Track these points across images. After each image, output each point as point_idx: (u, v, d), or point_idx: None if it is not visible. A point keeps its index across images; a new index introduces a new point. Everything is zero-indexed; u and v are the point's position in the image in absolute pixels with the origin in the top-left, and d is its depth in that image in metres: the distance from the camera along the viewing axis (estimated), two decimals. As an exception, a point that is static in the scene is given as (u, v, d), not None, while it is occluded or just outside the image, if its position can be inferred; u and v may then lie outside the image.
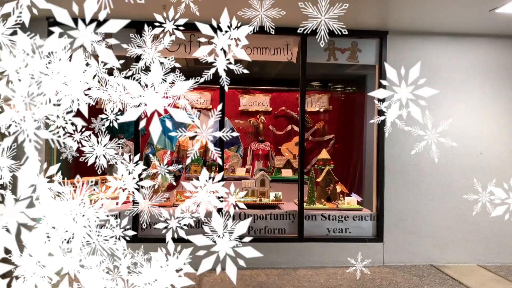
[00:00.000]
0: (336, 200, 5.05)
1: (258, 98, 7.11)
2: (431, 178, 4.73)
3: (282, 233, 4.60)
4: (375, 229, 4.71)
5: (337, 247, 4.59)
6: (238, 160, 6.23)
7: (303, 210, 4.59)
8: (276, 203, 4.78)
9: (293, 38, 4.61)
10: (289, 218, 4.62)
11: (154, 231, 4.47)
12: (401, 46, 4.72)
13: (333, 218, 4.66)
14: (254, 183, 5.05)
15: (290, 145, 7.01)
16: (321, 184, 5.07)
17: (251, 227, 4.56)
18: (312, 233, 4.62)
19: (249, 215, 4.58)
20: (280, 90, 7.18)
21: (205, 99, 7.06)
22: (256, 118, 7.05)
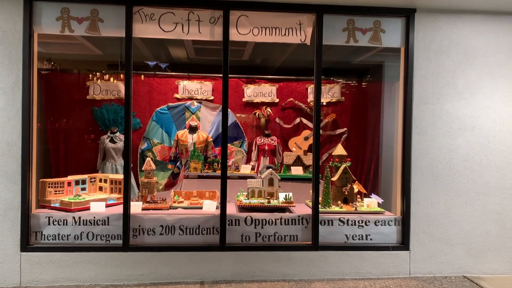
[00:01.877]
0: (353, 202, 4.47)
1: (264, 88, 6.51)
2: (464, 178, 4.14)
3: (294, 240, 4.02)
4: (400, 235, 4.12)
5: (357, 257, 4.02)
6: (242, 156, 5.65)
7: (318, 213, 4.01)
8: (287, 205, 4.20)
9: (307, 16, 4.01)
10: (302, 223, 4.04)
11: (148, 238, 3.89)
12: (431, 26, 4.11)
13: (352, 223, 4.08)
14: (261, 183, 4.46)
15: (299, 140, 6.43)
16: (337, 184, 4.49)
17: (258, 234, 3.99)
18: (328, 240, 4.04)
19: (256, 220, 4.00)
20: (288, 80, 6.58)
21: (206, 89, 6.47)
22: (262, 110, 6.45)
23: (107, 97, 6.31)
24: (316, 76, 4.04)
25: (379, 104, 6.40)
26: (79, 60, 6.62)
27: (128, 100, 3.87)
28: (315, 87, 4.04)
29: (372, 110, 6.50)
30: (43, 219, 3.83)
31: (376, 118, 6.44)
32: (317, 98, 4.04)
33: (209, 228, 3.96)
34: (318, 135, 4.03)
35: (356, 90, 6.59)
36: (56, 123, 6.23)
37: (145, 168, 4.39)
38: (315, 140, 4.04)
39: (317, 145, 4.04)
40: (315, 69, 4.05)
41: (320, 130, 4.05)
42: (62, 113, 6.22)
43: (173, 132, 6.40)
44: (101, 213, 3.92)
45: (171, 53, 6.61)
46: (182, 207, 4.27)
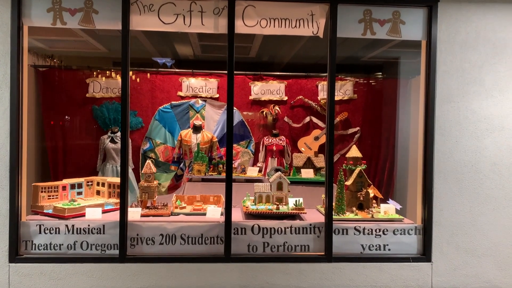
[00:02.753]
0: (369, 208, 4.13)
1: (272, 86, 6.18)
2: (492, 183, 3.78)
3: (306, 250, 3.70)
4: (421, 245, 3.78)
5: (374, 269, 3.68)
6: (249, 157, 5.33)
7: (332, 222, 3.68)
8: (297, 212, 3.88)
9: (320, 6, 3.67)
10: (314, 232, 3.71)
11: (147, 248, 3.59)
12: (456, 16, 3.75)
13: (368, 231, 3.74)
14: (269, 187, 4.14)
15: (309, 140, 6.09)
16: (351, 188, 4.15)
17: (266, 243, 3.66)
18: (342, 251, 3.71)
19: (264, 228, 3.68)
20: (297, 76, 6.24)
21: (211, 86, 6.15)
22: (270, 108, 6.12)
23: (108, 95, 6.03)
24: (330, 71, 3.70)
25: (394, 102, 6.05)
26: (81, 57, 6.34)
27: (125, 97, 3.56)
28: (329, 84, 3.71)
29: (386, 108, 6.15)
30: (34, 227, 3.54)
31: (390, 117, 6.09)
32: (330, 95, 3.70)
33: (213, 237, 3.64)
34: (331, 135, 3.70)
35: (370, 87, 6.24)
36: (54, 122, 5.96)
37: (144, 171, 4.08)
38: (329, 141, 3.71)
39: (330, 146, 3.70)
40: (328, 64, 3.71)
41: (333, 130, 3.72)
42: (61, 112, 5.95)
43: (176, 132, 6.10)
44: (97, 220, 3.62)
45: (177, 50, 6.34)
46: (184, 213, 3.96)
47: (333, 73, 3.69)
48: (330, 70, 3.70)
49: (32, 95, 5.75)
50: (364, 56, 6.20)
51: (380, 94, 6.20)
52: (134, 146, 6.05)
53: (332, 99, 3.68)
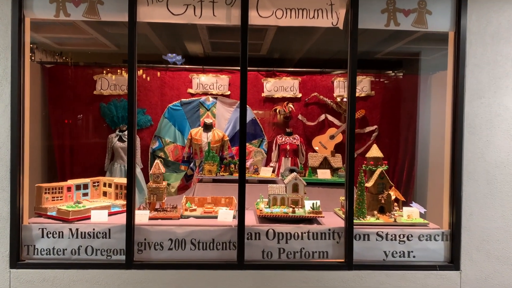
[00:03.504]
0: (391, 212, 3.87)
1: (285, 82, 5.94)
2: (526, 185, 3.50)
3: (324, 257, 3.45)
4: (449, 253, 3.51)
5: (398, 277, 3.43)
6: (262, 157, 5.10)
7: (353, 226, 3.42)
8: (314, 216, 3.63)
9: (340, -5, 3.42)
10: (333, 237, 3.47)
11: (155, 254, 3.38)
12: (487, 5, 3.47)
13: (392, 237, 3.48)
14: (284, 189, 3.91)
15: (324, 138, 5.84)
16: (372, 191, 3.89)
17: (282, 249, 3.43)
18: (364, 257, 3.46)
19: (280, 233, 3.44)
20: (312, 72, 5.99)
21: (222, 83, 5.93)
22: (283, 106, 5.88)
23: (116, 92, 5.84)
24: (351, 66, 3.45)
25: (413, 100, 5.77)
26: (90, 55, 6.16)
27: (132, 92, 3.35)
28: (349, 78, 3.45)
29: (405, 106, 5.88)
30: (36, 231, 3.35)
31: (410, 115, 5.81)
32: (351, 91, 3.44)
33: (225, 242, 3.42)
34: (352, 134, 3.44)
35: (388, 83, 5.96)
36: (61, 120, 5.79)
37: (153, 172, 3.87)
38: (349, 139, 3.45)
39: (351, 145, 3.45)
40: (349, 57, 3.46)
41: (354, 128, 3.46)
42: (68, 110, 5.78)
43: (186, 130, 5.89)
44: (102, 223, 3.42)
45: (187, 48, 6.16)
46: (194, 216, 3.74)
47: (354, 67, 3.43)
48: (351, 64, 3.45)
49: (38, 93, 5.59)
50: (382, 51, 5.93)
51: (398, 91, 5.93)
52: (143, 145, 5.85)
53: (353, 95, 3.43)
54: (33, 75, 5.50)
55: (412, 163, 5.88)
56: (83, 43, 6.11)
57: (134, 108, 3.34)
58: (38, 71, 5.63)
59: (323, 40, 5.41)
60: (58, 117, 5.74)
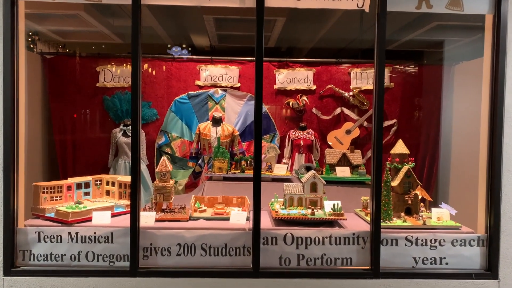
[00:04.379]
0: (418, 213, 3.55)
1: (299, 73, 5.61)
2: None
3: (348, 264, 3.14)
4: (486, 259, 3.19)
5: (429, 287, 3.10)
6: (275, 153, 4.77)
7: (380, 230, 3.10)
8: (336, 218, 3.31)
9: (367, -26, 3.07)
10: (358, 242, 3.15)
11: (162, 260, 3.08)
12: (531, -15, 3.12)
13: (422, 242, 3.16)
14: (302, 188, 3.59)
15: (339, 133, 5.51)
16: (398, 190, 3.57)
17: (301, 256, 3.11)
18: (392, 265, 3.15)
19: (299, 238, 3.13)
20: (327, 63, 5.65)
21: (231, 75, 5.61)
22: (296, 98, 5.55)
23: (120, 84, 5.55)
24: (378, 53, 3.10)
25: (435, 92, 5.43)
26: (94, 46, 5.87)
27: (136, 84, 3.03)
28: (377, 67, 3.10)
29: (427, 98, 5.53)
30: (32, 234, 3.07)
31: (431, 109, 5.47)
32: (379, 81, 3.10)
33: (238, 247, 3.11)
34: (380, 127, 3.11)
35: (408, 75, 5.61)
36: (62, 114, 5.50)
37: (159, 170, 3.56)
38: (376, 135, 3.12)
39: (378, 141, 3.12)
40: (376, 44, 3.11)
41: (382, 122, 3.13)
42: (70, 103, 5.49)
43: (194, 125, 5.58)
44: (104, 226, 3.12)
45: (193, 41, 5.90)
46: (204, 218, 3.44)
47: (382, 55, 3.09)
48: (379, 52, 3.10)
49: (38, 85, 5.30)
50: (399, 40, 5.58)
51: (419, 83, 5.58)
52: (148, 140, 5.56)
53: (382, 83, 3.09)
54: (33, 67, 5.22)
55: (433, 159, 5.55)
56: (87, 36, 5.87)
57: (138, 99, 3.03)
58: (38, 62, 5.34)
59: (336, 29, 5.09)
60: (60, 111, 5.46)
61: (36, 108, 5.24)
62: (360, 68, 5.56)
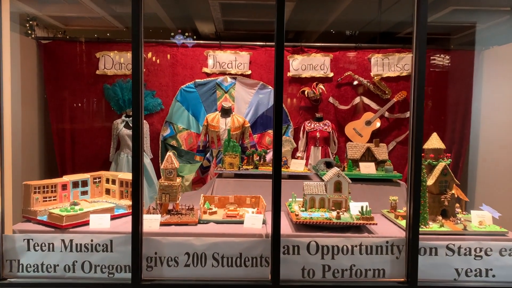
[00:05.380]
0: (455, 216, 3.15)
1: (315, 59, 5.17)
2: None
3: (380, 276, 2.75)
4: (539, 271, 2.78)
5: (474, 302, 2.72)
6: (291, 147, 4.37)
7: (418, 237, 2.70)
8: (366, 223, 2.91)
9: None
10: (392, 251, 2.75)
11: (168, 271, 2.70)
12: None
13: (466, 251, 2.76)
14: (324, 187, 3.19)
15: (359, 124, 5.09)
16: (433, 190, 3.16)
17: (327, 267, 2.72)
18: (431, 276, 2.75)
19: (324, 246, 2.73)
20: (345, 48, 5.21)
21: (241, 61, 5.18)
22: (312, 87, 5.13)
23: (121, 72, 5.14)
24: (418, 33, 2.67)
25: (464, 79, 4.98)
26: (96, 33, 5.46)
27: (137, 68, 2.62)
28: (417, 49, 2.67)
29: (457, 87, 5.09)
30: (21, 242, 2.69)
31: (459, 97, 5.03)
32: (420, 64, 2.68)
33: (255, 257, 2.73)
34: (420, 118, 2.70)
35: (435, 60, 5.15)
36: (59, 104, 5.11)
37: (165, 167, 3.17)
38: (416, 127, 2.70)
39: (418, 132, 2.70)
40: (415, 24, 2.68)
41: (422, 113, 2.72)
42: (67, 92, 5.10)
43: (201, 115, 5.18)
44: (103, 233, 2.75)
45: (198, 28, 5.52)
46: (215, 221, 3.05)
47: (423, 34, 2.65)
48: (418, 30, 2.67)
49: (34, 73, 4.92)
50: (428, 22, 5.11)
51: (446, 69, 5.13)
52: (152, 132, 5.17)
53: (422, 68, 2.67)
54: (28, 52, 4.83)
55: (459, 154, 5.13)
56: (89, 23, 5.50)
57: (140, 86, 2.62)
58: (33, 48, 4.94)
59: (351, 10, 4.69)
60: (57, 101, 5.07)
61: (31, 98, 4.86)
62: (382, 54, 5.12)
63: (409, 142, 2.75)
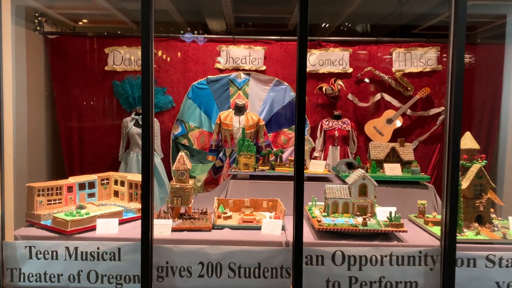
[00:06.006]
0: (491, 223, 2.89)
1: (333, 54, 4.93)
2: None
3: (412, 289, 2.50)
4: None
5: (518, 320, 2.46)
6: (310, 146, 4.13)
7: (455, 247, 2.45)
8: (395, 230, 2.66)
9: None
10: (426, 262, 2.50)
11: (181, 282, 2.49)
12: None
13: (508, 263, 2.50)
14: (348, 191, 2.95)
15: (379, 123, 4.84)
16: (467, 194, 2.91)
17: (354, 279, 2.49)
18: (469, 291, 2.50)
19: (351, 257, 2.49)
20: (365, 42, 4.95)
21: (256, 56, 4.96)
22: (330, 83, 4.88)
23: (131, 68, 4.96)
24: (456, 23, 2.41)
25: (493, 74, 4.69)
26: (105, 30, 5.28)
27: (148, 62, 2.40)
28: (455, 40, 2.42)
29: (481, 82, 4.80)
30: (22, 249, 2.50)
31: (490, 94, 4.74)
32: (458, 57, 2.43)
33: (275, 268, 2.50)
34: (459, 115, 2.44)
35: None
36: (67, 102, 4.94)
37: (176, 168, 2.96)
38: (453, 123, 2.45)
39: (456, 130, 2.45)
40: (452, 14, 2.42)
41: (460, 111, 2.47)
42: (75, 89, 4.93)
43: (214, 113, 4.97)
44: (110, 239, 2.54)
45: (208, 25, 5.35)
46: (230, 227, 2.84)
47: (462, 26, 2.40)
48: (457, 20, 2.41)
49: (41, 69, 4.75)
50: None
51: (472, 65, 4.85)
52: (163, 131, 4.97)
53: (461, 61, 2.42)
54: (35, 48, 4.66)
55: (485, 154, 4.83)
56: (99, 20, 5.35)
57: (150, 81, 2.40)
58: (40, 43, 4.78)
59: (370, 2, 4.46)
60: (65, 98, 4.91)
61: (38, 95, 4.69)
62: (404, 48, 4.85)
63: (445, 142, 2.50)
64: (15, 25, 3.98)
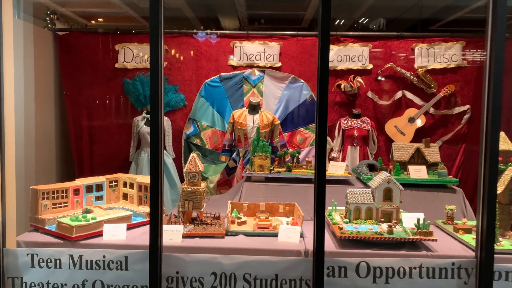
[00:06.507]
0: (527, 231, 2.65)
1: (352, 50, 4.71)
2: None
3: (444, 305, 2.28)
4: None
5: None
6: (328, 147, 3.92)
7: (493, 260, 2.22)
8: (424, 239, 2.45)
9: None
10: (458, 275, 2.28)
11: (192, 294, 2.31)
12: None
13: (551, 277, 2.26)
14: (371, 195, 2.75)
15: (401, 122, 4.60)
16: (501, 200, 2.67)
17: (380, 292, 2.28)
18: (507, 308, 2.27)
19: (377, 268, 2.29)
20: (386, 37, 4.72)
21: (271, 52, 4.76)
22: (349, 80, 4.66)
23: (142, 65, 4.81)
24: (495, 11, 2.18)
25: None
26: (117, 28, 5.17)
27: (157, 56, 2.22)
28: (493, 28, 2.20)
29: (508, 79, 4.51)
30: (24, 257, 2.35)
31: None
32: (497, 50, 2.20)
33: (293, 279, 2.30)
34: (498, 114, 2.22)
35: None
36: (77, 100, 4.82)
37: (188, 170, 2.78)
38: (491, 121, 2.23)
39: (494, 131, 2.22)
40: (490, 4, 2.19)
41: (500, 107, 2.24)
42: (85, 87, 4.80)
43: (227, 112, 4.79)
44: (117, 247, 2.38)
45: (222, 23, 5.23)
46: (244, 233, 2.65)
47: (503, 10, 2.17)
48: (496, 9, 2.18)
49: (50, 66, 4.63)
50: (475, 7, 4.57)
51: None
52: (174, 130, 4.81)
53: (500, 60, 2.19)
54: (44, 45, 4.53)
55: None
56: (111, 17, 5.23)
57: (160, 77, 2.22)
58: (49, 40, 4.65)
59: None
60: (74, 96, 4.78)
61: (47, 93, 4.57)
62: (426, 43, 4.60)
63: (481, 143, 2.27)
64: (23, 21, 3.88)
